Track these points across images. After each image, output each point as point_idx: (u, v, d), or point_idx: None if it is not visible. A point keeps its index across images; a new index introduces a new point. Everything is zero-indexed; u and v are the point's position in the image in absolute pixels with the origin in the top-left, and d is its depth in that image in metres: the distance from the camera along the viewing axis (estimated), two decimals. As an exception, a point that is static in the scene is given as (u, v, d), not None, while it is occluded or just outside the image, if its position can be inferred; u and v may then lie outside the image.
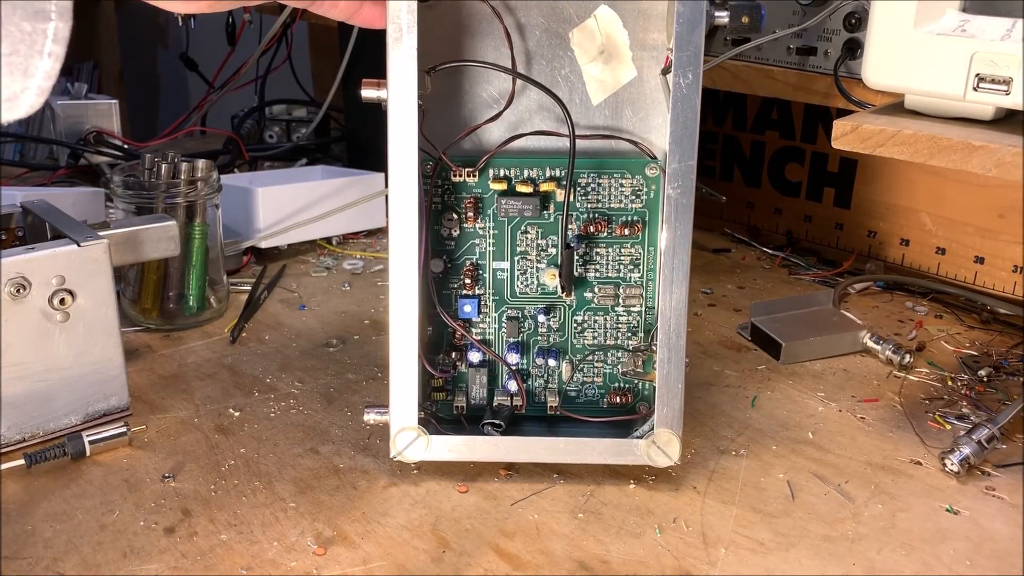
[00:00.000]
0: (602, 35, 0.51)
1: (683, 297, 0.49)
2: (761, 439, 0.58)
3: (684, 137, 0.47)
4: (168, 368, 0.65)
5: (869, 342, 0.69)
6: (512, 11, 0.51)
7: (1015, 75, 0.53)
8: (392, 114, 0.47)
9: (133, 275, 0.71)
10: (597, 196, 0.53)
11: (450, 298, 0.54)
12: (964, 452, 0.54)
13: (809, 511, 0.51)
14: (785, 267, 0.88)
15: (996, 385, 0.65)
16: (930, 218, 0.83)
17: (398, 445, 0.52)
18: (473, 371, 0.55)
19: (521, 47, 0.51)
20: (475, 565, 0.46)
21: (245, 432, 0.57)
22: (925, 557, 0.47)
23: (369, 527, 0.49)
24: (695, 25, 0.46)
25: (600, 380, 0.56)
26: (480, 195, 0.53)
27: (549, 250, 0.54)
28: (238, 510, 0.50)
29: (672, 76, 0.47)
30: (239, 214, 0.84)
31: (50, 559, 0.46)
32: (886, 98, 0.65)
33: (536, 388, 0.56)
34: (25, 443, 0.55)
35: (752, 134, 0.95)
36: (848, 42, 0.72)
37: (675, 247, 0.49)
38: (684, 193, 0.48)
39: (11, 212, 0.63)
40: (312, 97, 1.33)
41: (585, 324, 0.55)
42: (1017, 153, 0.52)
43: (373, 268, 0.85)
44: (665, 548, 0.47)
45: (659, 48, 0.51)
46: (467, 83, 0.52)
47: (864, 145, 0.57)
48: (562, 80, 0.52)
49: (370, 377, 0.65)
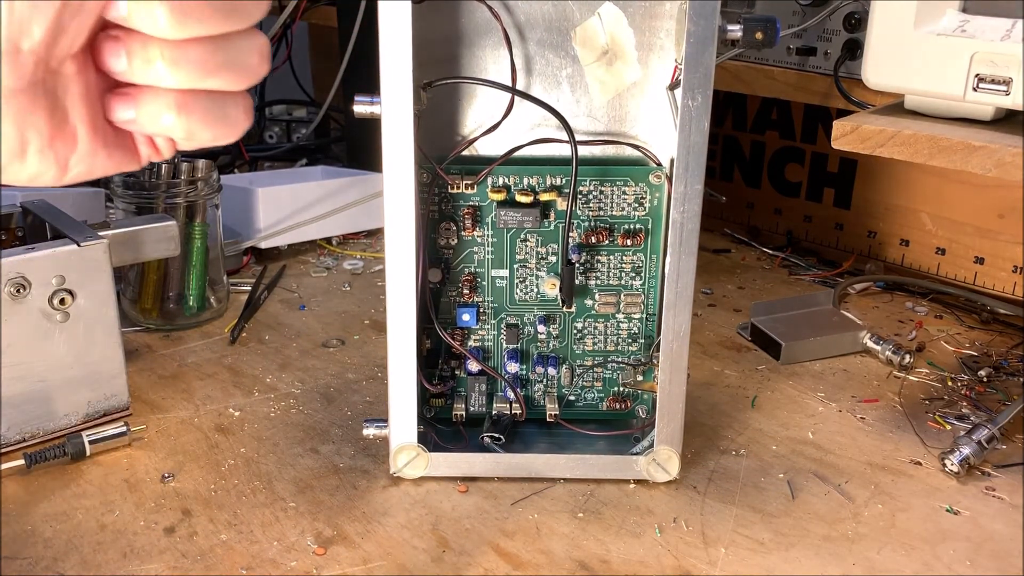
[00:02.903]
0: (606, 34, 0.50)
1: (686, 320, 0.49)
2: (761, 439, 0.58)
3: (692, 160, 0.46)
4: (168, 368, 0.65)
5: (869, 342, 0.69)
6: (512, 11, 0.50)
7: (1015, 75, 0.53)
8: (386, 127, 0.46)
9: (133, 275, 0.71)
10: (599, 204, 0.52)
11: (449, 306, 0.54)
12: (964, 452, 0.54)
13: (809, 511, 0.51)
14: (785, 267, 0.88)
15: (996, 385, 0.65)
16: (930, 218, 0.83)
17: (398, 463, 0.52)
18: (472, 379, 0.55)
19: (521, 47, 0.50)
20: (475, 565, 0.46)
21: (245, 432, 0.57)
22: (925, 557, 0.47)
23: (369, 527, 0.49)
24: (706, 45, 0.44)
25: (600, 385, 0.56)
26: (479, 204, 0.52)
27: (549, 258, 0.53)
28: (238, 510, 0.50)
29: (681, 97, 0.45)
30: (239, 214, 0.84)
31: (50, 559, 0.46)
32: (886, 98, 0.65)
33: (535, 393, 0.56)
34: (25, 443, 0.55)
35: (752, 134, 0.95)
36: (848, 42, 0.72)
37: (679, 272, 0.48)
38: (690, 217, 0.47)
39: (11, 212, 0.63)
40: (312, 97, 1.33)
41: (585, 331, 0.55)
42: (1017, 153, 0.52)
43: (373, 268, 0.85)
44: (665, 548, 0.47)
45: (667, 49, 0.50)
46: (466, 87, 0.52)
47: (864, 145, 0.57)
48: (565, 80, 0.51)
49: (370, 377, 0.65)
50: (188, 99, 0.36)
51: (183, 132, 0.37)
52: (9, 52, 0.32)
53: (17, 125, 0.33)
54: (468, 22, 0.50)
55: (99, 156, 0.37)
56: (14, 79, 0.32)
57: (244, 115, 0.38)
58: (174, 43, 0.35)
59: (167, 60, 0.35)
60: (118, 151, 0.37)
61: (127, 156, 0.38)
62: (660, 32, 0.50)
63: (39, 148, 0.34)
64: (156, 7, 0.34)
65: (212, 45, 0.36)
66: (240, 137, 0.38)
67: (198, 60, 0.35)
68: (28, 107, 0.33)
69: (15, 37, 0.32)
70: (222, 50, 0.36)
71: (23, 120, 0.33)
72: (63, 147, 0.35)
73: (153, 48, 0.35)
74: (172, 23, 0.34)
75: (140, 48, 0.35)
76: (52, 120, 0.34)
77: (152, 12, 0.34)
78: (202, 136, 0.37)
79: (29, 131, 0.34)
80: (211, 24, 0.35)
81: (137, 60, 0.35)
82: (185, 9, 0.34)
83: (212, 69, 0.36)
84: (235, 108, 0.38)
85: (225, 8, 0.35)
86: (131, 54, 0.35)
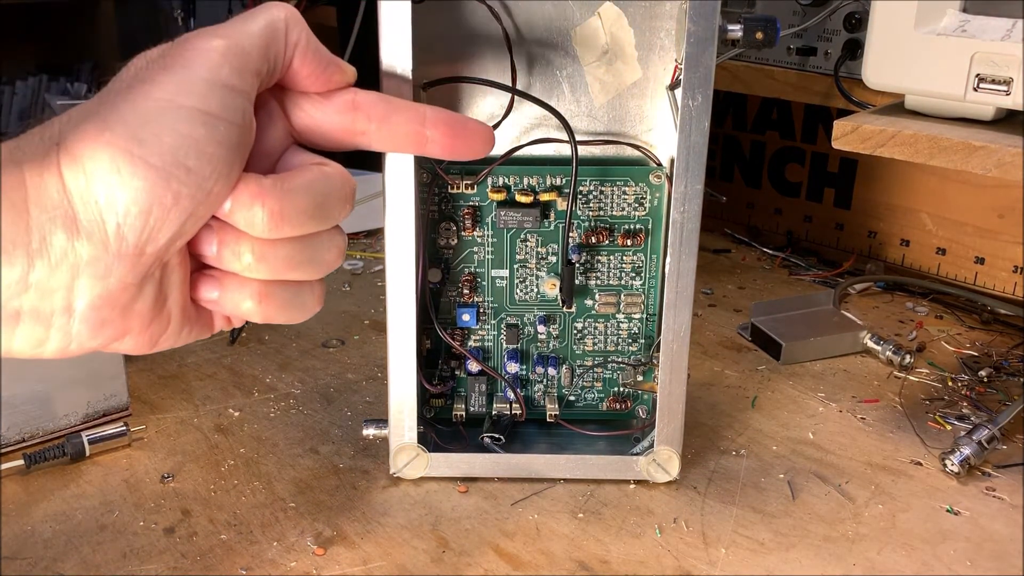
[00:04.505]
0: (606, 34, 0.50)
1: (686, 320, 0.49)
2: (761, 439, 0.58)
3: (692, 161, 0.46)
4: (168, 368, 0.65)
5: (869, 342, 0.69)
6: (512, 11, 0.50)
7: (1015, 75, 0.53)
8: None
9: (133, 275, 0.71)
10: (599, 204, 0.52)
11: (448, 306, 0.54)
12: (964, 452, 0.54)
13: (809, 511, 0.51)
14: (785, 267, 0.88)
15: (996, 385, 0.65)
16: (930, 218, 0.83)
17: (398, 464, 0.52)
18: (472, 380, 0.55)
19: (521, 47, 0.50)
20: (475, 565, 0.46)
21: (245, 432, 0.57)
22: (925, 557, 0.47)
23: (369, 527, 0.49)
24: (706, 45, 0.44)
25: (600, 385, 0.56)
26: (479, 204, 0.52)
27: (549, 258, 0.53)
28: (238, 510, 0.50)
29: (681, 97, 0.45)
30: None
31: (50, 559, 0.46)
32: (886, 98, 0.65)
33: (535, 393, 0.56)
34: (25, 443, 0.55)
35: (752, 134, 0.95)
36: (848, 42, 0.72)
37: (679, 272, 0.48)
38: (691, 218, 0.47)
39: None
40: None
41: (585, 331, 0.55)
42: (1017, 153, 0.52)
43: (373, 268, 0.85)
44: (665, 548, 0.47)
45: (667, 49, 0.50)
46: (466, 87, 0.52)
47: (864, 145, 0.57)
48: (565, 80, 0.51)
49: (370, 377, 0.65)
50: (269, 289, 0.38)
51: (260, 318, 0.38)
52: (135, 256, 0.33)
53: (124, 314, 0.35)
54: (468, 22, 0.50)
55: (184, 332, 0.38)
56: (131, 276, 0.34)
57: (317, 302, 0.40)
58: (264, 241, 0.36)
59: (256, 256, 0.37)
60: (198, 326, 0.39)
61: (204, 329, 0.39)
62: (660, 32, 0.50)
63: (139, 331, 0.36)
64: (257, 211, 0.35)
65: (299, 244, 0.37)
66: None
67: (284, 257, 0.37)
68: (136, 297, 0.35)
69: (143, 244, 0.33)
70: (307, 248, 0.38)
71: (129, 310, 0.35)
72: (158, 328, 0.37)
73: (244, 243, 0.36)
74: (269, 228, 0.36)
75: (232, 241, 0.36)
76: (154, 307, 0.36)
77: (252, 215, 0.35)
78: (277, 319, 0.39)
79: (133, 319, 0.35)
80: (303, 228, 0.37)
81: (227, 251, 0.36)
82: (284, 216, 0.36)
83: (295, 265, 0.38)
84: (310, 296, 0.40)
85: (319, 214, 0.37)
86: (223, 245, 0.36)
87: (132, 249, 0.33)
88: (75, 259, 0.33)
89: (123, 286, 0.34)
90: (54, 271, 0.32)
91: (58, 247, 0.32)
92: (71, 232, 0.32)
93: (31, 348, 0.34)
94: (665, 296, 0.49)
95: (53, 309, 0.33)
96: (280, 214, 0.35)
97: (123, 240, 0.33)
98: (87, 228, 0.32)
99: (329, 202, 0.37)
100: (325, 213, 0.37)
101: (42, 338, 0.34)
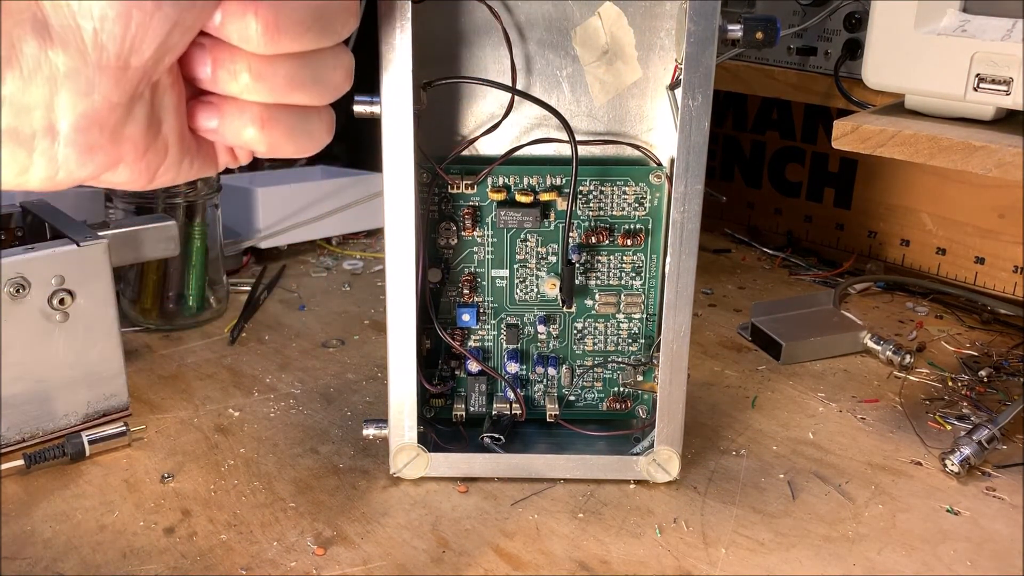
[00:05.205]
0: (606, 34, 0.50)
1: (686, 320, 0.49)
2: (761, 439, 0.58)
3: (692, 160, 0.46)
4: (168, 368, 0.65)
5: (869, 342, 0.69)
6: (512, 11, 0.50)
7: (1015, 75, 0.53)
8: (386, 127, 0.45)
9: (133, 275, 0.71)
10: (599, 204, 0.52)
11: (448, 306, 0.54)
12: (964, 452, 0.54)
13: (809, 511, 0.51)
14: (785, 267, 0.88)
15: (996, 385, 0.65)
16: (930, 218, 0.83)
17: (397, 464, 0.52)
18: (472, 379, 0.55)
19: (521, 47, 0.50)
20: (475, 565, 0.46)
21: (245, 432, 0.57)
22: (925, 557, 0.47)
23: (369, 527, 0.49)
24: (706, 45, 0.44)
25: (600, 385, 0.56)
26: (479, 204, 0.52)
27: (549, 258, 0.53)
28: (238, 510, 0.50)
29: (681, 97, 0.45)
30: (239, 214, 0.84)
31: (50, 559, 0.46)
32: (886, 98, 0.65)
33: (535, 393, 0.56)
34: (25, 443, 0.55)
35: (752, 134, 0.95)
36: (848, 42, 0.72)
37: (679, 272, 0.48)
38: (691, 217, 0.47)
39: (11, 212, 0.63)
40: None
41: (585, 331, 0.55)
42: (1017, 153, 0.52)
43: (373, 268, 0.85)
44: (665, 548, 0.47)
45: (667, 49, 0.50)
46: (466, 87, 0.52)
47: (864, 145, 0.57)
48: (565, 80, 0.51)
49: (370, 377, 0.65)
50: (272, 113, 0.35)
51: (265, 146, 0.36)
52: (118, 69, 0.31)
53: (114, 139, 0.32)
54: (468, 22, 0.50)
55: (184, 164, 0.36)
56: (117, 94, 0.31)
57: (326, 130, 0.37)
58: (262, 58, 0.34)
59: (253, 74, 0.34)
60: (200, 159, 0.37)
61: (208, 163, 0.37)
62: (660, 32, 0.50)
63: (133, 160, 0.34)
64: (250, 21, 0.32)
65: (299, 61, 0.35)
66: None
67: (284, 76, 0.34)
68: (125, 120, 0.32)
69: (125, 55, 0.31)
70: (309, 66, 0.35)
71: (119, 134, 0.33)
72: (155, 158, 0.34)
73: (240, 61, 0.34)
74: (264, 40, 0.33)
75: (227, 59, 0.34)
76: (148, 133, 0.34)
77: (246, 26, 0.32)
78: (283, 149, 0.36)
79: (125, 144, 0.33)
80: (302, 42, 0.34)
81: (223, 72, 0.34)
82: (279, 27, 0.33)
83: (297, 85, 0.35)
84: (318, 123, 0.37)
85: (317, 26, 0.34)
86: (217, 64, 0.34)
87: (114, 60, 0.30)
88: (51, 71, 0.30)
89: (110, 105, 0.31)
90: (28, 84, 0.30)
91: (30, 55, 0.29)
92: (43, 39, 0.29)
93: (14, 176, 0.31)
94: (665, 296, 0.49)
95: (34, 130, 0.30)
96: (275, 24, 0.32)
97: (103, 49, 0.30)
98: (61, 35, 0.29)
99: (330, 12, 0.34)
100: (326, 25, 0.34)
101: (25, 164, 0.31)
